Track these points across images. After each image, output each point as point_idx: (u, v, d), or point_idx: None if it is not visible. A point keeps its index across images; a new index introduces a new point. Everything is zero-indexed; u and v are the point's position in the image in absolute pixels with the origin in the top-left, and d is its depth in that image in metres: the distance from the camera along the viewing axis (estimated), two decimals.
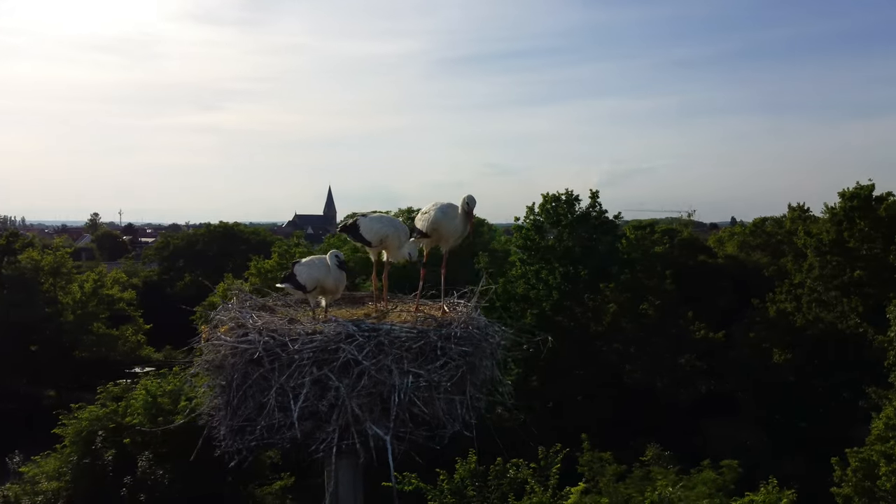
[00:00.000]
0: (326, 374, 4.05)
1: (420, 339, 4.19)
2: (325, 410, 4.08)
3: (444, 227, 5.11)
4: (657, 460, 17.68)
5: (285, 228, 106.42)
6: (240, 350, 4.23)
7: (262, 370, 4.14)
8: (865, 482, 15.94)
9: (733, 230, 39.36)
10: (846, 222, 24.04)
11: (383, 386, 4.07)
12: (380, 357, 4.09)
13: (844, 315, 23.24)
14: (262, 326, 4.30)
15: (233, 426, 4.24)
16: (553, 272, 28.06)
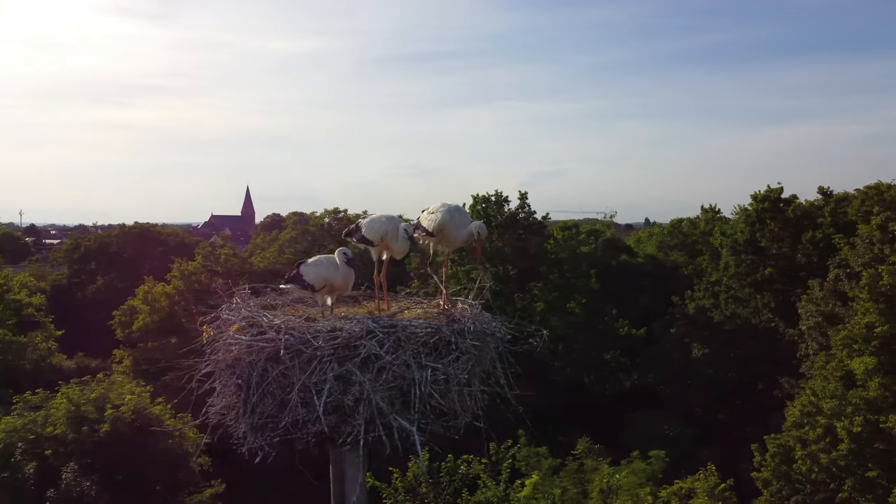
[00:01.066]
0: (350, 370, 4.15)
1: (435, 333, 4.34)
2: (351, 404, 4.17)
3: (449, 230, 5.24)
4: (588, 453, 18.32)
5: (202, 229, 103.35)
6: (256, 348, 4.26)
7: (283, 367, 4.19)
8: (782, 466, 17.02)
9: (651, 231, 41.04)
10: (758, 223, 25.57)
11: (403, 380, 4.21)
12: (399, 352, 4.23)
13: (758, 310, 24.70)
14: (282, 325, 4.34)
15: (253, 423, 4.27)
16: (485, 272, 28.51)
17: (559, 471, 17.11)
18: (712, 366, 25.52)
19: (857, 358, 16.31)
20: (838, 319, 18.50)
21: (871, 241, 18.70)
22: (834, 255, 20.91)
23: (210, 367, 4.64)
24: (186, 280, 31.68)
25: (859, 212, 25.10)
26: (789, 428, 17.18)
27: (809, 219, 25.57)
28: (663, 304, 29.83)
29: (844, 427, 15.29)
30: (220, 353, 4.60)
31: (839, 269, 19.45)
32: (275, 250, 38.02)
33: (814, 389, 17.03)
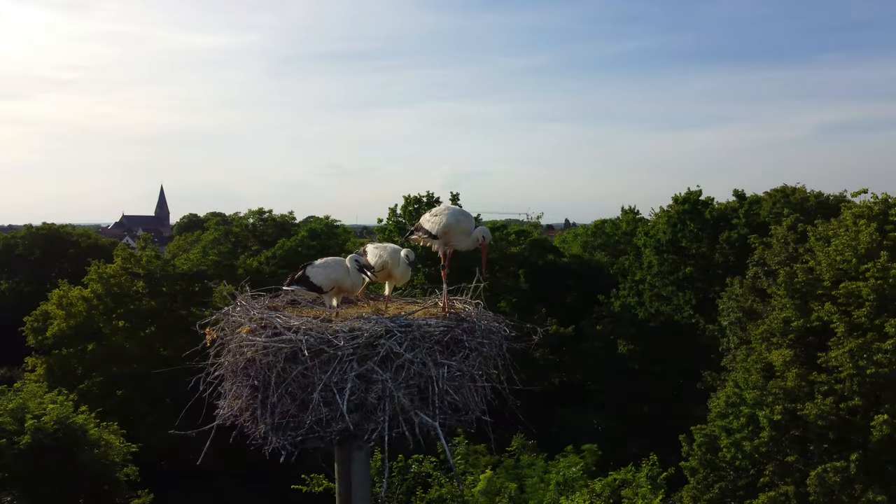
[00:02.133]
0: (371, 368, 4.25)
1: (448, 332, 4.50)
2: (375, 402, 4.27)
3: (454, 232, 5.36)
4: (523, 449, 18.80)
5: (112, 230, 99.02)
6: (274, 349, 4.27)
7: (302, 367, 4.23)
8: (708, 455, 17.95)
9: (576, 231, 42.34)
10: (679, 224, 26.83)
11: (420, 377, 4.34)
12: (416, 350, 4.36)
13: (680, 307, 25.92)
14: (300, 326, 4.38)
15: (273, 424, 4.29)
16: (417, 273, 28.68)
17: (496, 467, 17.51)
18: (637, 361, 26.58)
19: (775, 351, 17.38)
20: (757, 315, 19.66)
21: (786, 241, 19.97)
22: (752, 255, 22.16)
23: (221, 369, 4.62)
24: (105, 283, 30.39)
25: (770, 213, 26.75)
26: (714, 418, 18.12)
27: (725, 220, 27.01)
28: (590, 303, 30.83)
29: (766, 416, 16.27)
30: (232, 355, 4.60)
31: (757, 267, 20.67)
32: (198, 252, 36.94)
33: (736, 381, 18.05)
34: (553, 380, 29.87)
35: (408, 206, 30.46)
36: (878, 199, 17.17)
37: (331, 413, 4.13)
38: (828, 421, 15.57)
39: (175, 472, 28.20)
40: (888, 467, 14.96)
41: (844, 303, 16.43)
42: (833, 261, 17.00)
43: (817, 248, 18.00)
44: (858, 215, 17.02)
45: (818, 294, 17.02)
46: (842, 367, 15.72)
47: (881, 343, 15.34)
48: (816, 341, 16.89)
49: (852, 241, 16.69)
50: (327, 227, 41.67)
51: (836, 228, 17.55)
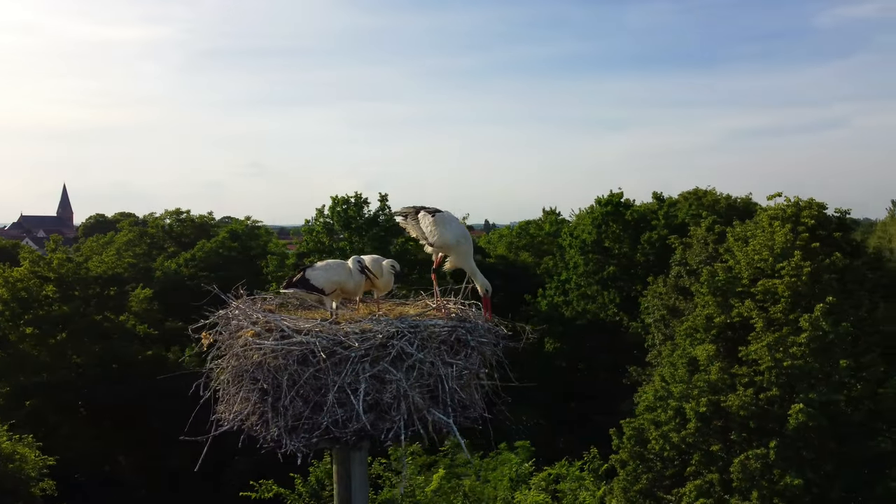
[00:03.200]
0: (385, 368, 4.28)
1: (453, 332, 4.58)
2: (391, 402, 4.30)
3: (451, 250, 5.40)
4: (457, 448, 19.05)
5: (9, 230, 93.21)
6: (283, 352, 4.23)
7: (314, 370, 4.20)
8: (637, 447, 18.67)
9: (501, 232, 43.05)
10: (603, 225, 27.76)
11: (430, 377, 4.40)
12: (425, 350, 4.42)
13: (605, 306, 26.82)
14: (311, 328, 4.35)
15: (287, 426, 4.23)
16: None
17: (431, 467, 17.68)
18: (564, 359, 27.31)
19: (699, 346, 18.27)
20: (680, 312, 20.60)
21: (706, 242, 21.02)
22: (672, 255, 23.19)
23: (228, 374, 4.53)
24: (11, 288, 28.71)
25: (688, 215, 28.06)
26: (643, 412, 18.87)
27: (645, 221, 28.13)
28: (517, 303, 31.43)
29: (692, 408, 17.08)
30: (236, 359, 4.51)
31: (680, 266, 21.65)
32: (112, 254, 35.37)
33: (663, 376, 18.85)
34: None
35: (336, 206, 30.21)
36: (790, 201, 18.32)
37: (346, 414, 4.15)
38: (749, 411, 16.49)
39: (92, 484, 26.99)
40: (803, 453, 15.98)
41: (762, 299, 17.45)
42: (751, 260, 18.03)
43: (736, 248, 19.05)
44: (773, 217, 18.11)
45: (738, 291, 18.01)
46: (761, 359, 16.71)
47: (796, 337, 16.39)
48: (737, 336, 17.85)
49: (768, 242, 17.75)
50: (249, 229, 40.79)
51: (753, 229, 18.63)
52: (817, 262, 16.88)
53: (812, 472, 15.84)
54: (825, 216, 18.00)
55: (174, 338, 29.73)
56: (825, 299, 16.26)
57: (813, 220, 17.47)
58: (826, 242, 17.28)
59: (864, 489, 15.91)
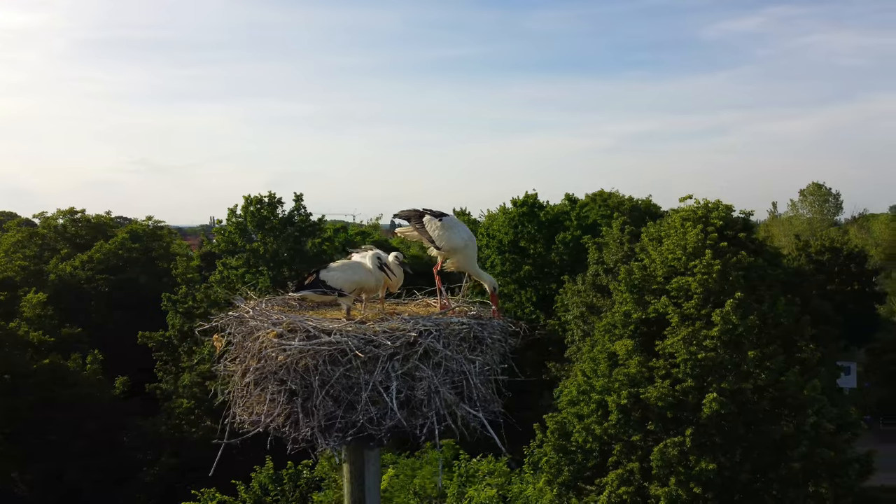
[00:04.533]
0: (416, 365, 4.30)
1: (471, 330, 4.67)
2: (423, 398, 4.33)
3: (458, 254, 5.46)
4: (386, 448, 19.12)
5: None
6: (311, 352, 4.16)
7: (344, 369, 4.16)
8: (561, 441, 19.31)
9: None
10: (519, 225, 28.48)
11: (455, 373, 4.47)
12: (450, 348, 4.48)
13: (522, 304, 27.51)
14: (340, 328, 4.29)
15: (320, 426, 4.17)
16: (263, 275, 27.85)
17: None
18: None
19: (618, 341, 19.11)
20: (598, 309, 21.46)
21: (621, 242, 21.98)
22: (587, 254, 24.10)
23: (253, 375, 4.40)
24: None
25: (598, 216, 29.21)
26: (566, 406, 19.52)
27: (559, 222, 29.07)
28: None
29: (614, 401, 17.85)
30: (256, 360, 4.40)
31: (597, 265, 22.53)
32: (1, 255, 32.95)
33: (584, 371, 19.57)
34: None
35: (248, 206, 29.43)
36: (699, 203, 19.49)
37: (380, 411, 4.17)
38: (666, 402, 17.42)
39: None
40: (716, 439, 17.07)
41: (676, 296, 18.49)
42: (665, 259, 19.05)
43: (650, 247, 20.06)
44: (685, 218, 19.22)
45: (653, 289, 19.00)
46: (677, 353, 17.69)
47: (708, 330, 17.48)
48: (654, 331, 18.82)
49: (681, 241, 18.82)
50: (150, 229, 39.02)
51: (666, 229, 19.68)
52: (725, 261, 18.06)
53: (724, 456, 16.94)
54: (731, 217, 19.28)
55: (73, 345, 28.04)
56: (734, 295, 17.43)
57: (721, 220, 18.68)
58: (733, 242, 18.51)
59: (770, 470, 17.16)
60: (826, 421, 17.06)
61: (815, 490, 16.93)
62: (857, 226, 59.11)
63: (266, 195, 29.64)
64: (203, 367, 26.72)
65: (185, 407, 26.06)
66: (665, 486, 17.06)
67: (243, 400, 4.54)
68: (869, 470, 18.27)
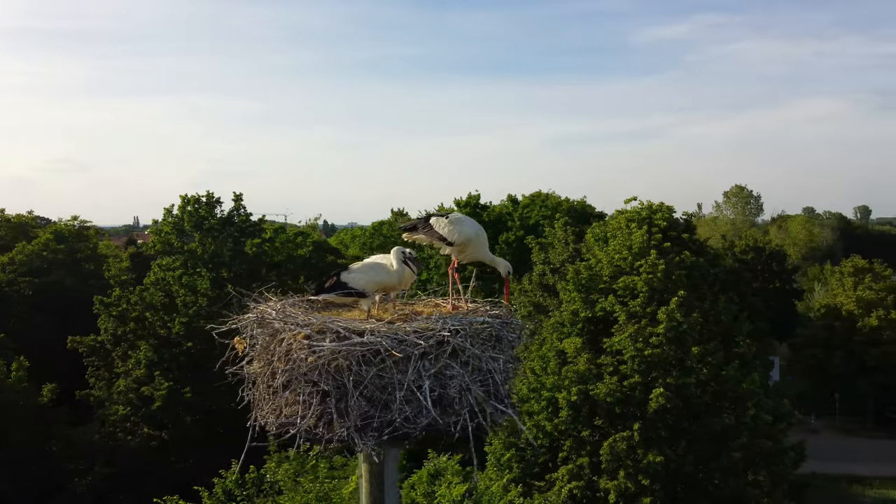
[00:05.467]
0: (447, 364, 4.31)
1: (492, 329, 4.72)
2: (456, 396, 4.34)
3: (471, 244, 5.51)
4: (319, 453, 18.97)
5: None
6: (344, 353, 4.11)
7: (377, 369, 4.13)
8: (511, 438, 19.56)
9: (354, 233, 42.82)
10: None
11: (481, 371, 4.52)
12: (476, 346, 4.52)
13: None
14: (373, 329, 4.25)
15: (356, 426, 4.12)
16: (202, 277, 27.08)
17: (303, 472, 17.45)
18: None
19: (566, 340, 19.54)
20: (545, 308, 21.86)
21: (566, 242, 22.46)
22: (530, 254, 24.48)
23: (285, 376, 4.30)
24: None
25: (540, 217, 29.72)
26: (516, 403, 19.79)
27: (501, 222, 29.42)
28: None
29: (564, 398, 18.26)
30: (283, 362, 4.32)
31: (543, 265, 22.94)
32: None
33: (533, 369, 19.91)
34: None
35: (185, 206, 28.56)
36: (643, 205, 20.14)
37: (414, 410, 4.17)
38: (614, 397, 17.94)
39: None
40: (662, 433, 17.69)
41: (623, 295, 19.04)
42: (612, 259, 19.59)
43: (596, 247, 20.59)
44: (630, 219, 19.81)
45: (600, 288, 19.51)
46: (624, 349, 18.25)
47: (654, 327, 18.09)
48: (601, 329, 19.33)
49: (627, 242, 19.39)
50: (76, 229, 37.34)
51: (612, 230, 20.24)
52: (669, 261, 18.73)
53: (669, 448, 17.57)
54: (674, 218, 20.00)
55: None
56: (677, 293, 18.11)
57: (665, 222, 19.35)
58: (676, 242, 19.20)
59: (712, 461, 17.90)
60: (763, 413, 17.93)
61: (753, 478, 17.77)
62: (776, 226, 62.18)
63: (204, 195, 28.83)
64: (139, 371, 25.81)
65: (121, 414, 25.07)
66: (614, 480, 17.58)
67: (269, 402, 4.48)
68: (802, 458, 19.30)
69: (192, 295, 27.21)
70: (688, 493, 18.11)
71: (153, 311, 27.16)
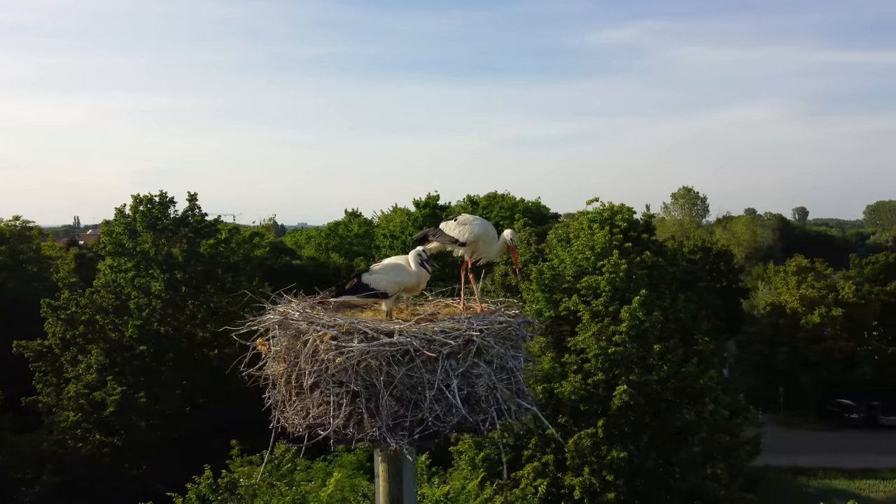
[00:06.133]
0: (475, 363, 4.35)
1: (510, 327, 4.78)
2: (484, 394, 4.37)
3: (482, 241, 5.54)
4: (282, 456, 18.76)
5: None
6: (374, 353, 4.10)
7: (406, 368, 4.13)
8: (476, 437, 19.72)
9: (309, 233, 42.35)
10: (424, 226, 28.70)
11: (503, 370, 4.57)
12: (499, 345, 4.58)
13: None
14: (402, 329, 4.25)
15: (388, 425, 4.10)
16: (156, 279, 26.41)
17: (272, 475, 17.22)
18: None
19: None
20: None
21: (528, 243, 22.72)
22: None
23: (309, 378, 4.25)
24: None
25: (500, 217, 29.96)
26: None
27: None
28: None
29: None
30: (309, 363, 4.27)
31: (506, 265, 23.12)
32: None
33: None
34: None
35: (137, 205, 27.82)
36: (604, 206, 20.52)
37: (443, 408, 4.20)
38: (579, 395, 18.25)
39: None
40: (625, 429, 18.06)
41: (586, 294, 19.38)
42: (575, 259, 19.91)
43: (559, 248, 20.89)
44: (592, 220, 20.17)
45: (564, 287, 19.80)
46: (588, 348, 18.57)
47: (616, 326, 18.46)
48: (565, 328, 19.62)
49: (589, 242, 19.74)
50: (18, 230, 35.93)
51: (575, 231, 20.56)
52: (630, 260, 19.14)
53: (632, 444, 17.97)
54: (634, 219, 20.45)
55: None
56: (639, 292, 18.52)
57: (625, 223, 19.77)
58: (636, 242, 19.64)
59: (672, 455, 18.37)
60: (721, 408, 18.48)
61: (712, 472, 18.29)
62: (721, 227, 64.12)
63: (157, 194, 28.15)
64: (90, 376, 25.01)
65: (72, 420, 24.24)
66: (579, 476, 17.87)
67: (293, 404, 4.44)
68: (757, 451, 19.97)
69: (146, 297, 26.52)
70: (649, 488, 18.54)
71: (104, 314, 26.35)
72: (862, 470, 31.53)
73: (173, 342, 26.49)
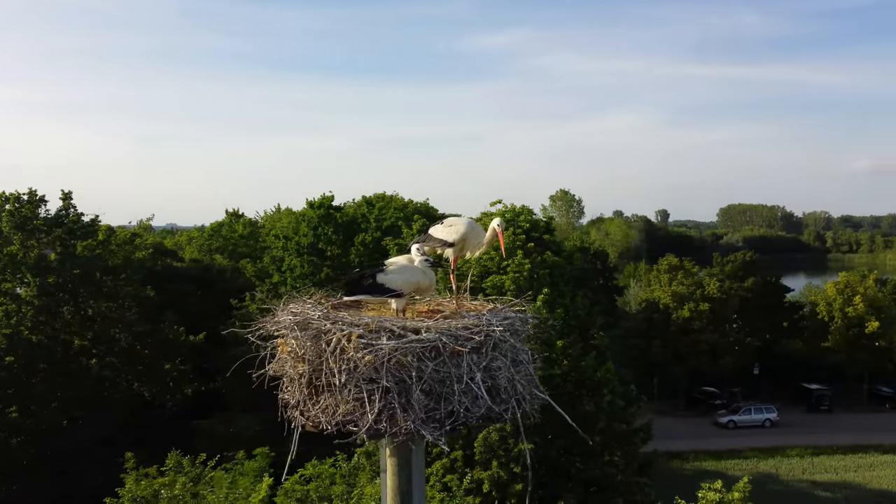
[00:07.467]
0: (495, 357, 4.44)
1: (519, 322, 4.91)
2: (506, 386, 4.46)
3: (470, 239, 5.63)
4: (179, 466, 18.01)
5: None
6: (402, 350, 4.09)
7: (434, 364, 4.14)
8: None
9: (190, 234, 40.41)
10: (319, 227, 28.27)
11: (517, 362, 4.69)
12: (513, 339, 4.70)
13: None
14: (430, 326, 4.25)
15: (422, 419, 4.09)
16: (28, 284, 24.38)
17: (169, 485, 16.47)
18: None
19: None
20: None
21: None
22: (388, 255, 24.75)
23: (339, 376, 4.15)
24: None
25: (395, 218, 30.05)
26: None
27: (356, 224, 29.40)
28: (216, 308, 30.10)
29: None
30: (337, 363, 4.19)
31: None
32: None
33: None
34: (186, 391, 28.39)
35: (4, 204, 25.59)
36: (507, 207, 21.15)
37: (470, 401, 4.28)
38: None
39: None
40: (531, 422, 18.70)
41: (491, 293, 19.88)
42: (479, 259, 20.38)
43: None
44: None
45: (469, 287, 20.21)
46: None
47: None
48: None
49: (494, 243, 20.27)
50: None
51: None
52: (533, 260, 19.87)
53: (538, 437, 18.65)
54: (535, 221, 21.22)
55: None
56: (542, 291, 19.26)
57: (528, 224, 20.49)
58: (538, 243, 20.41)
59: (574, 446, 19.24)
60: (618, 398, 19.57)
61: (610, 458, 19.34)
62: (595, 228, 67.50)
63: (26, 193, 26.02)
64: None
65: None
66: (488, 470, 18.33)
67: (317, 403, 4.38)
68: (649, 437, 21.28)
69: (14, 303, 24.44)
70: (553, 477, 19.31)
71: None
72: (728, 451, 34.37)
73: (47, 351, 24.60)
